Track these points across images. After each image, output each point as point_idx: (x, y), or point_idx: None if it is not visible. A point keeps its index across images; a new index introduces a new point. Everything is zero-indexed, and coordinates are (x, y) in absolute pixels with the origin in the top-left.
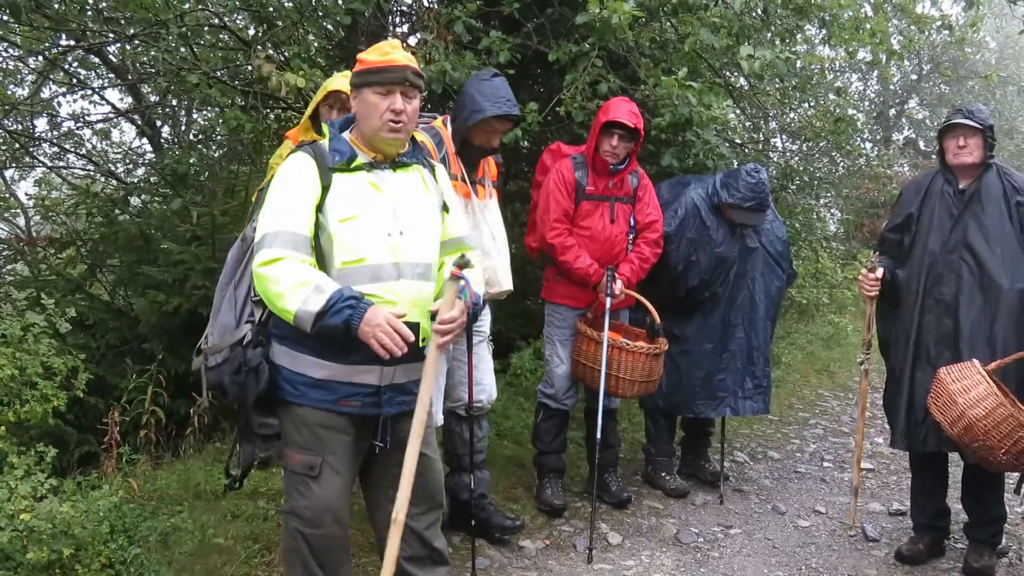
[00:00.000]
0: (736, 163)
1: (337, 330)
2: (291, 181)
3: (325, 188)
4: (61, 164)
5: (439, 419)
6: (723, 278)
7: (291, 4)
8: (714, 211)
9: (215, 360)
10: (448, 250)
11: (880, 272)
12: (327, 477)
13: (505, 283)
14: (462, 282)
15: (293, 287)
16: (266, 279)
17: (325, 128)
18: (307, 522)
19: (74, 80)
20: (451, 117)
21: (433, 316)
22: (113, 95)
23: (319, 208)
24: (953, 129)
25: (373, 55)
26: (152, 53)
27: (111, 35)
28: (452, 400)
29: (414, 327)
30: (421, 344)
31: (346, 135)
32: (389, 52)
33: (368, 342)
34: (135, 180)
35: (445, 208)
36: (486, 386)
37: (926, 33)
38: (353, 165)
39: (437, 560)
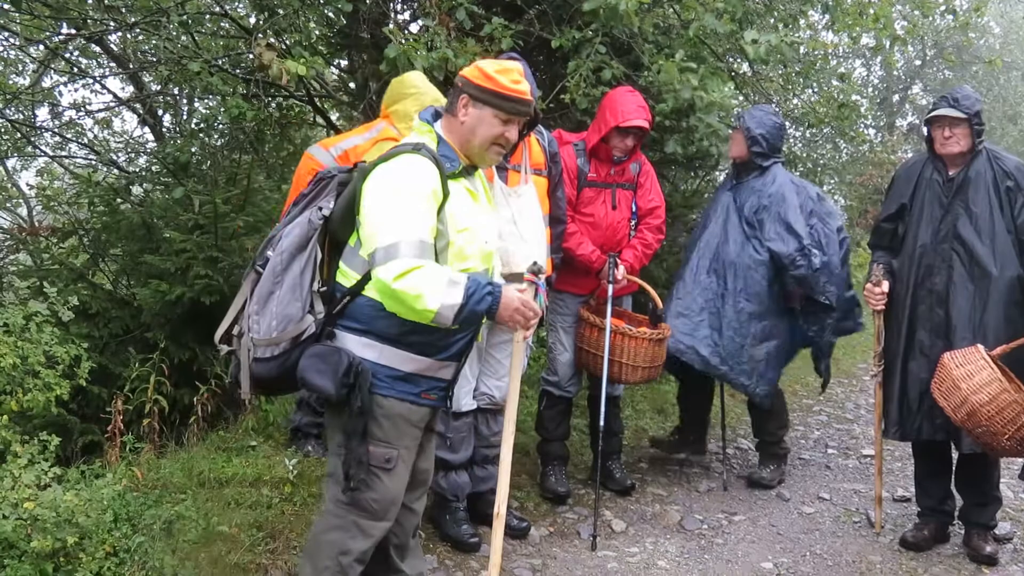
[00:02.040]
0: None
1: (479, 317)
2: (419, 187)
3: (446, 196)
4: (63, 153)
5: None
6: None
7: None
8: (728, 176)
9: (270, 352)
10: None
11: (886, 286)
12: (399, 470)
13: (517, 266)
14: (535, 286)
15: (430, 286)
16: (402, 286)
17: (427, 128)
18: (371, 514)
19: (75, 69)
20: None
21: None
22: (114, 84)
23: (437, 216)
24: (939, 119)
25: (505, 79)
26: (153, 41)
27: (112, 23)
28: (477, 393)
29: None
30: (478, 341)
31: (445, 136)
32: (520, 81)
33: (506, 323)
34: (137, 169)
35: None
36: (503, 384)
37: (930, 18)
38: (458, 172)
39: (415, 549)
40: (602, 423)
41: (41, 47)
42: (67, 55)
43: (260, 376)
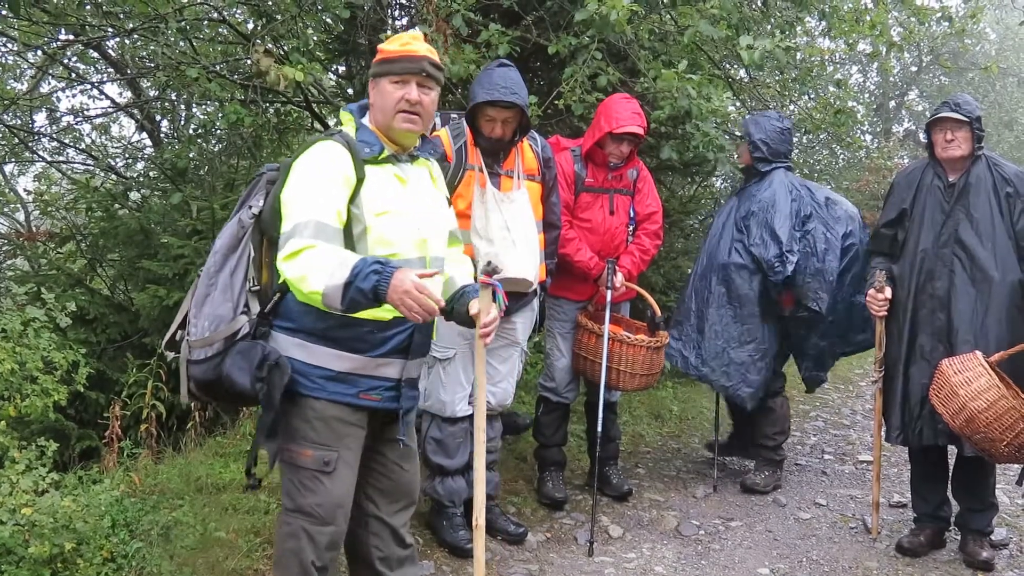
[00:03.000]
0: (736, 156)
1: (367, 298)
2: (326, 171)
3: (360, 180)
4: (61, 159)
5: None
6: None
7: None
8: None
9: (204, 353)
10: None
11: (888, 292)
12: (341, 473)
13: (509, 271)
14: (492, 288)
15: (317, 267)
16: (290, 268)
17: (348, 116)
18: (317, 520)
19: (73, 75)
20: None
21: (453, 316)
22: (112, 89)
23: (352, 201)
24: (940, 122)
25: (393, 45)
26: (151, 47)
27: (110, 29)
28: (473, 398)
29: (433, 320)
30: (433, 338)
31: (368, 124)
32: (409, 43)
33: (397, 308)
34: (135, 174)
35: (448, 201)
36: (499, 390)
37: (926, 24)
38: (381, 158)
39: (407, 559)
40: (599, 429)
41: (39, 53)
42: (65, 61)
43: (196, 378)
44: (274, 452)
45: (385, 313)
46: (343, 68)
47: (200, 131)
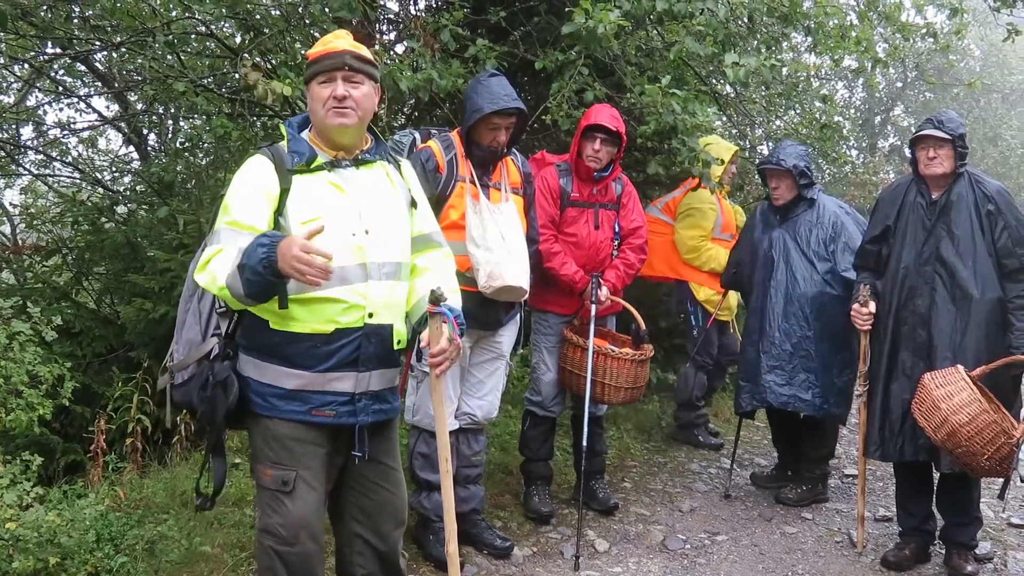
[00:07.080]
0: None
1: (262, 275)
2: (244, 184)
3: (284, 191)
4: (47, 172)
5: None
6: (754, 267)
7: (278, 12)
8: (762, 215)
9: (181, 377)
10: (417, 247)
11: (873, 307)
12: (302, 492)
13: (509, 279)
14: (441, 316)
15: (221, 266)
16: (201, 277)
17: (283, 129)
18: (281, 540)
19: (60, 88)
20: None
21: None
22: (99, 103)
23: (278, 212)
24: (923, 140)
25: (317, 47)
26: (139, 61)
27: (98, 43)
28: (459, 412)
29: (387, 329)
30: (396, 347)
31: (305, 134)
32: (330, 40)
33: (293, 277)
34: (121, 188)
35: (413, 204)
36: (485, 404)
37: (911, 41)
38: (313, 165)
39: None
40: (585, 443)
41: (26, 66)
42: (52, 74)
43: (178, 402)
44: (221, 471)
45: (326, 325)
46: None
47: (187, 145)
